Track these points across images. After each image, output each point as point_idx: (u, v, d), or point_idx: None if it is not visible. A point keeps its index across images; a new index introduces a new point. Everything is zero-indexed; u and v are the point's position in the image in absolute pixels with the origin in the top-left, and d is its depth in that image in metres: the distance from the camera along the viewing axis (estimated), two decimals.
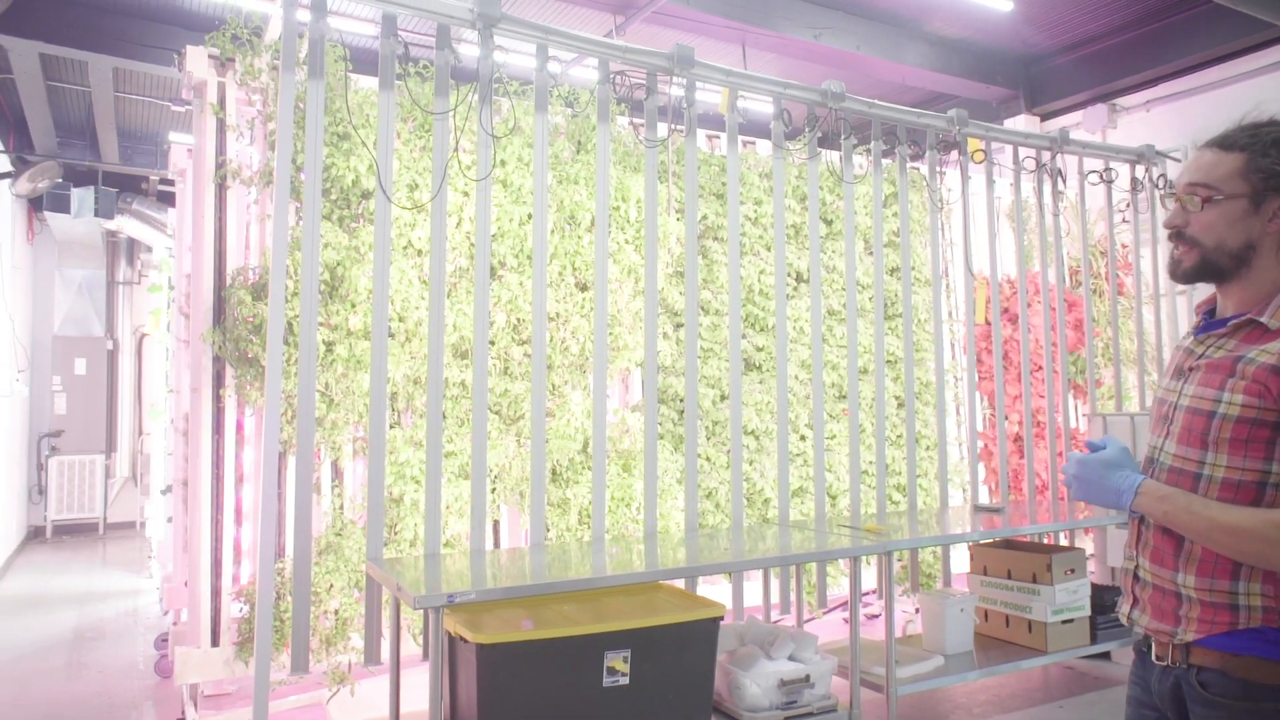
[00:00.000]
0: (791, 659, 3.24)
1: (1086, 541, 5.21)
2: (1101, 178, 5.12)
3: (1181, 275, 1.56)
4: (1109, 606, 3.93)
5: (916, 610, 4.52)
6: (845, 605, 5.22)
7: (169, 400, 5.20)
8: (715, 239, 4.82)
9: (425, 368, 3.75)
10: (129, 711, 4.02)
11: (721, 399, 4.70)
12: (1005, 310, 5.88)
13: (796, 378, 4.94)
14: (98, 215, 8.06)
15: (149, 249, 9.40)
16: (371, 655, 3.08)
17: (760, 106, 6.03)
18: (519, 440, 3.98)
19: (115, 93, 6.90)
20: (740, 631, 3.43)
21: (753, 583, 4.30)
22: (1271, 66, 5.18)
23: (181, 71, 3.73)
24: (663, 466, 4.36)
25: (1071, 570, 3.83)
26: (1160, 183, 5.23)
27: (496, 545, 4.08)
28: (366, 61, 4.35)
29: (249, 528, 3.72)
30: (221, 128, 3.76)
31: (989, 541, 4.13)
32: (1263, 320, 1.45)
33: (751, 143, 5.22)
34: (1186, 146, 5.49)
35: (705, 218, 4.80)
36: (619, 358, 4.33)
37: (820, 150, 4.30)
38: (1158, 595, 1.50)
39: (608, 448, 4.18)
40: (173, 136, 7.72)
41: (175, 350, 4.72)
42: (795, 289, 5.04)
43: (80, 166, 8.30)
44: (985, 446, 5.69)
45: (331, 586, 3.52)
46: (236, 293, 3.60)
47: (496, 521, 4.08)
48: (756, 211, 4.97)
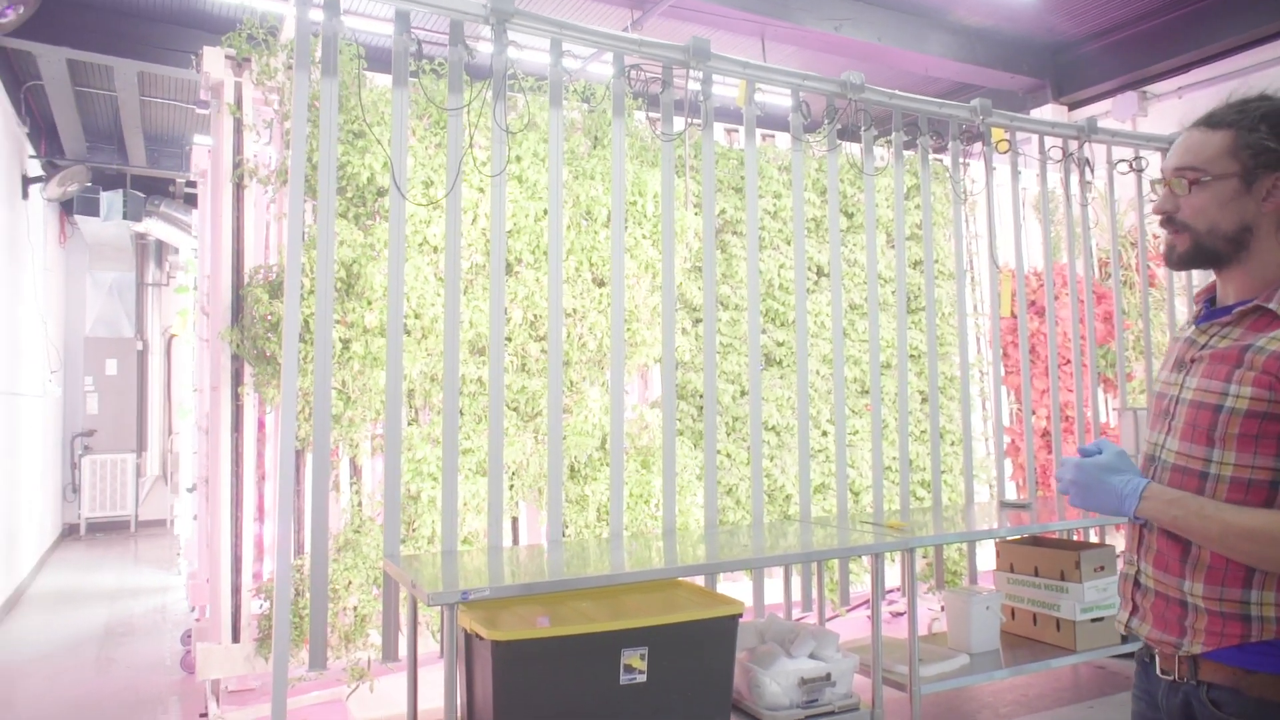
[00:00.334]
0: (812, 657, 3.19)
1: (1117, 538, 5.10)
2: (1131, 166, 5.00)
3: (1176, 261, 1.47)
4: None
5: (942, 608, 4.45)
6: (868, 603, 5.17)
7: (195, 399, 5.26)
8: (734, 233, 4.78)
9: (442, 365, 3.74)
10: (154, 706, 4.07)
11: (741, 394, 4.65)
12: (1032, 303, 5.77)
13: (818, 373, 4.88)
14: (126, 218, 8.18)
15: (176, 251, 9.53)
16: (389, 652, 3.08)
17: (778, 100, 5.98)
18: (536, 437, 3.96)
19: (141, 96, 6.99)
20: (760, 629, 3.39)
21: (774, 580, 4.26)
22: None
23: (199, 72, 3.76)
24: (682, 463, 4.32)
25: (1101, 567, 3.75)
26: None
27: (515, 542, 4.08)
28: (381, 60, 4.35)
29: (270, 525, 3.74)
30: (238, 127, 3.78)
31: (1016, 538, 4.04)
32: (1271, 307, 1.35)
33: (771, 136, 5.17)
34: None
35: (724, 212, 4.75)
36: (637, 354, 4.30)
37: (840, 142, 4.24)
38: (1161, 603, 1.40)
39: (626, 444, 4.16)
40: (196, 139, 7.82)
41: (198, 349, 4.77)
42: (815, 283, 4.98)
43: (109, 170, 8.43)
44: (1012, 442, 5.59)
45: (350, 583, 3.53)
46: (254, 291, 3.62)
47: (515, 518, 4.07)
48: (776, 205, 4.92)
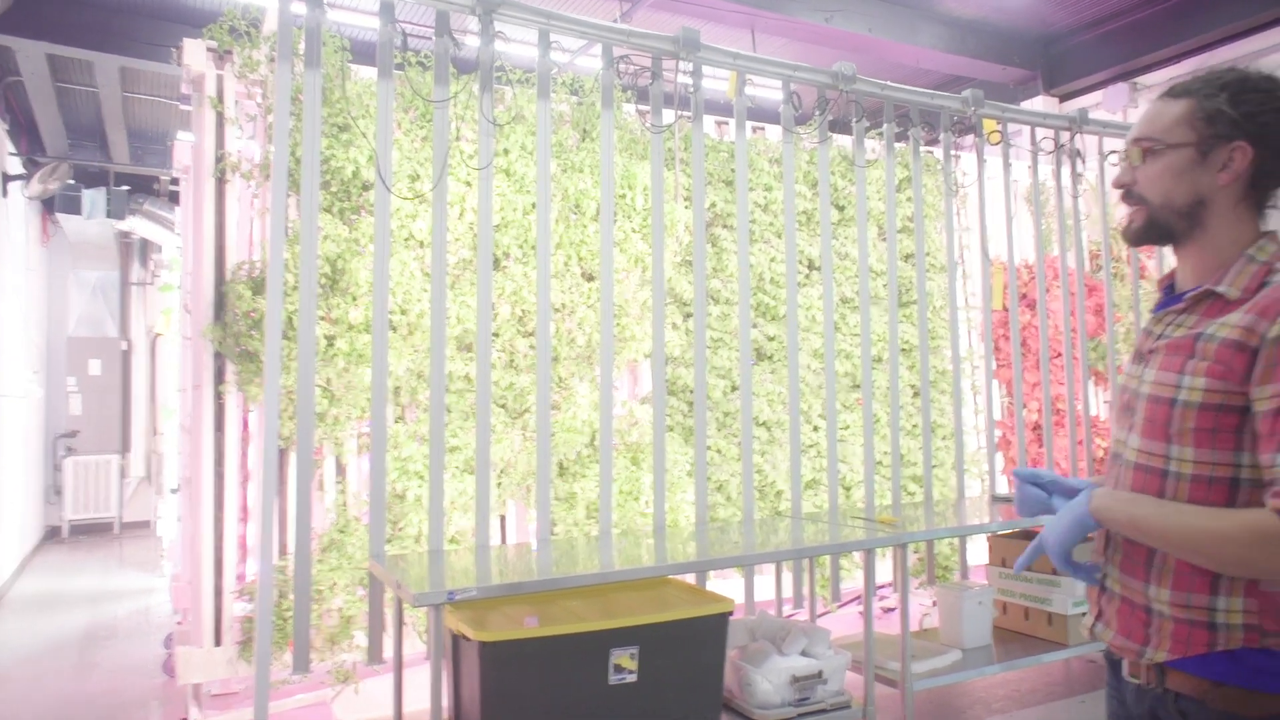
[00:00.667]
0: (804, 654, 3.16)
1: None
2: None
3: (1131, 236, 1.41)
4: None
5: (933, 603, 4.42)
6: (859, 599, 5.14)
7: (179, 399, 5.19)
8: (724, 226, 4.73)
9: (428, 361, 3.69)
10: (135, 710, 4.00)
11: (732, 389, 4.61)
12: (1023, 296, 5.75)
13: (809, 367, 4.84)
14: (109, 216, 8.08)
15: (161, 249, 9.43)
16: (375, 654, 3.03)
17: (768, 93, 5.93)
18: (525, 434, 3.91)
19: (123, 92, 6.89)
20: (751, 626, 3.35)
21: (764, 576, 4.22)
22: None
23: (180, 65, 3.69)
24: (672, 459, 4.28)
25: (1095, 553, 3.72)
26: None
27: (503, 541, 4.03)
28: (365, 53, 4.29)
29: (254, 526, 3.68)
30: (220, 121, 3.71)
31: (1008, 532, 4.02)
32: (1220, 290, 1.29)
33: (761, 128, 5.12)
34: None
35: (714, 205, 4.71)
36: (626, 349, 4.25)
37: (831, 135, 4.20)
38: (1125, 609, 1.34)
39: (615, 440, 4.11)
40: (179, 135, 7.72)
41: (181, 348, 4.70)
42: (806, 277, 4.94)
43: (91, 168, 8.32)
44: (1003, 435, 5.57)
45: (335, 584, 3.48)
46: (236, 288, 3.56)
47: (503, 517, 4.02)
48: (766, 198, 4.87)
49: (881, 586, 5.11)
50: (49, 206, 8.55)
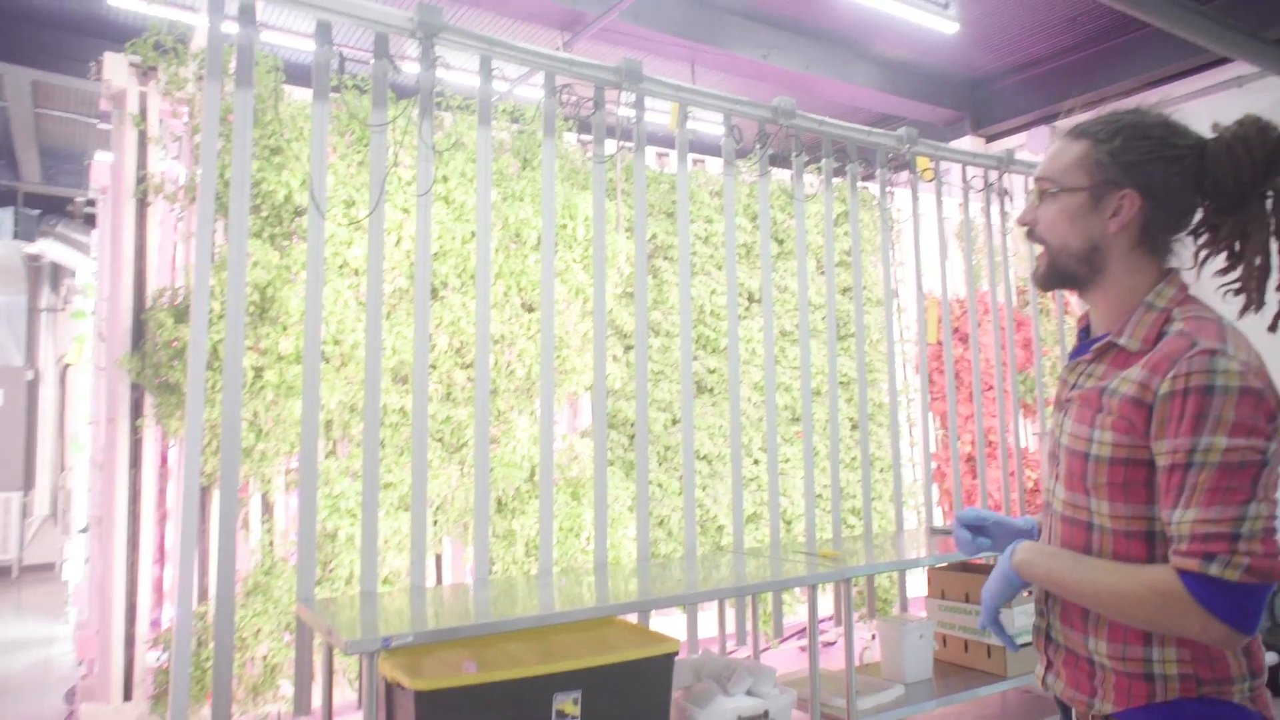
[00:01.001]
0: (749, 694, 3.10)
1: None
2: None
3: (1038, 280, 1.38)
4: None
5: (873, 636, 4.42)
6: (800, 633, 5.12)
7: (91, 432, 4.90)
8: (665, 258, 4.72)
9: (362, 394, 3.56)
10: None
11: (673, 423, 4.58)
12: (955, 330, 5.88)
13: (749, 400, 4.84)
14: (17, 238, 7.68)
15: (74, 274, 8.99)
16: (302, 704, 2.85)
17: (708, 126, 5.99)
18: (462, 469, 3.79)
19: (35, 108, 6.57)
20: (696, 666, 3.29)
21: (707, 613, 4.16)
22: (1208, 89, 5.30)
23: (99, 80, 3.52)
24: (613, 494, 4.21)
25: (1030, 592, 3.76)
26: None
27: (439, 581, 3.88)
28: (300, 76, 4.18)
29: (171, 568, 3.47)
30: (143, 140, 3.55)
31: (946, 565, 4.05)
32: (1121, 342, 1.27)
33: (701, 160, 5.15)
34: None
35: (654, 236, 4.70)
36: (567, 381, 4.18)
37: (771, 169, 4.24)
38: (1071, 659, 1.31)
39: (555, 475, 4.02)
40: (97, 155, 7.40)
41: (95, 379, 4.45)
42: (746, 309, 4.96)
43: None
44: (938, 467, 5.66)
45: (259, 631, 3.29)
46: (157, 315, 3.38)
47: (438, 555, 3.88)
48: (707, 230, 4.89)
49: (821, 620, 5.10)
50: None
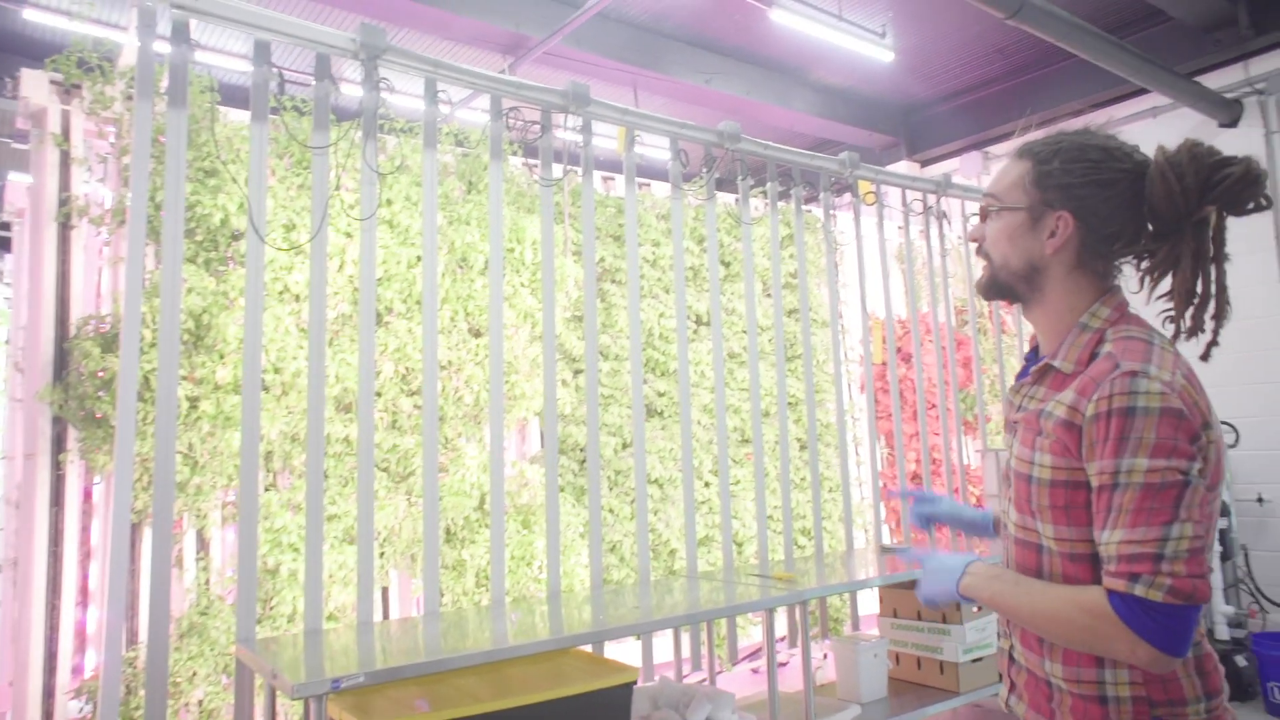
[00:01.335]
0: None
1: None
2: None
3: (980, 288, 1.40)
4: None
5: (825, 656, 4.43)
6: (753, 655, 5.09)
7: (4, 469, 4.63)
8: (613, 281, 4.70)
9: (304, 423, 3.44)
10: None
11: (623, 447, 4.53)
12: (899, 350, 5.98)
13: (699, 422, 4.83)
14: None
15: None
16: None
17: (654, 152, 6.01)
18: (409, 499, 3.69)
19: None
20: (653, 694, 3.23)
21: (661, 638, 4.11)
22: (1131, 118, 5.53)
23: (15, 98, 3.36)
24: (564, 521, 4.14)
25: (979, 609, 3.82)
26: None
27: (385, 615, 3.75)
28: (236, 98, 4.06)
29: (95, 611, 3.28)
30: (65, 161, 3.39)
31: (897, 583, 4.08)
32: (1056, 365, 1.28)
33: (646, 184, 5.16)
34: None
35: (602, 260, 4.67)
36: (516, 407, 4.11)
37: (717, 192, 4.26)
38: (1032, 681, 1.31)
39: (505, 503, 3.94)
40: (11, 175, 7.06)
41: (9, 411, 4.20)
42: (695, 332, 4.96)
43: None
44: (885, 486, 5.73)
45: (194, 674, 3.12)
46: (82, 344, 3.21)
47: (385, 588, 3.75)
48: (655, 253, 4.89)
49: (776, 640, 5.08)
50: None
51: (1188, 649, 1.13)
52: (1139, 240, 1.30)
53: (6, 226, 7.07)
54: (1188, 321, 1.26)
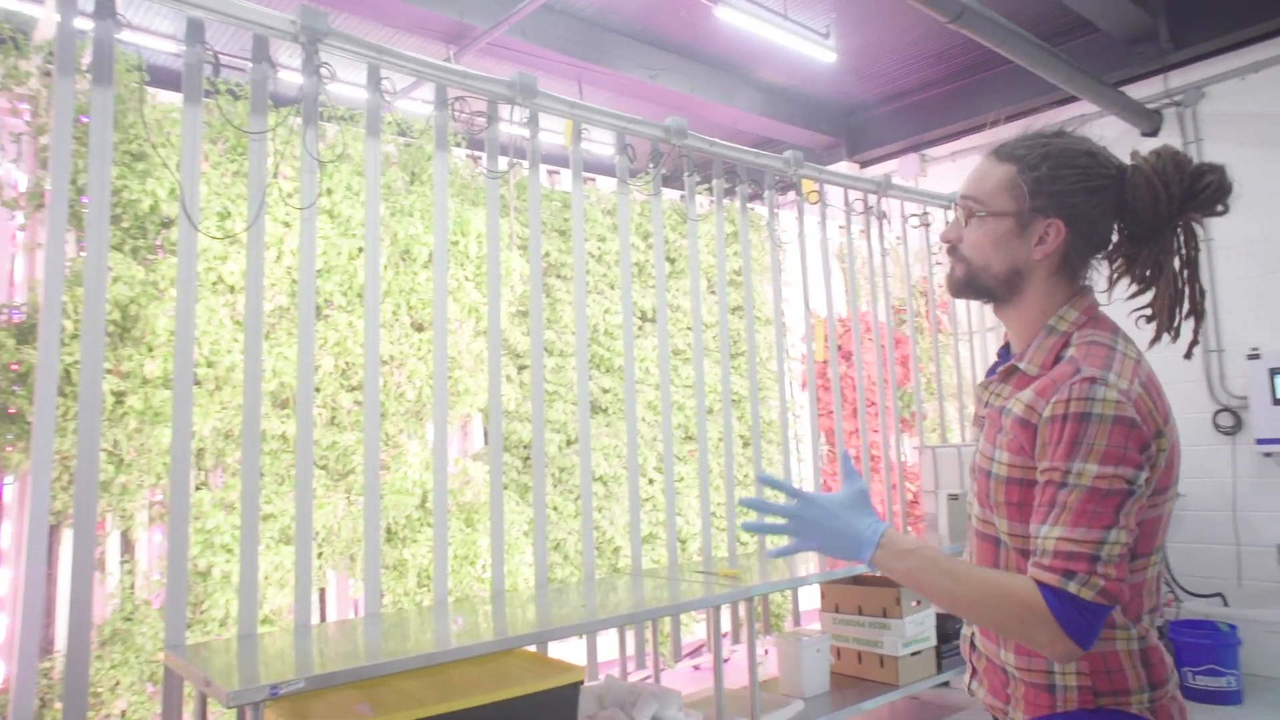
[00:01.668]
0: (655, 719, 3.05)
1: None
2: (921, 221, 5.41)
3: (953, 286, 1.40)
4: (952, 634, 4.03)
5: (766, 651, 4.46)
6: (696, 651, 5.11)
7: None
8: (558, 276, 4.65)
9: (239, 419, 3.30)
10: None
11: (567, 444, 4.49)
12: (839, 348, 6.07)
13: (643, 419, 4.82)
14: None
15: None
16: None
17: (599, 148, 5.97)
18: (349, 497, 3.58)
19: None
20: (599, 693, 3.21)
21: (606, 636, 4.09)
22: (1065, 123, 5.67)
23: None
24: (508, 519, 4.08)
25: (918, 602, 3.90)
26: None
27: (323, 617, 3.64)
28: (165, 80, 3.87)
29: (6, 619, 3.10)
30: None
31: (840, 579, 4.13)
32: (1022, 367, 1.30)
33: (592, 179, 5.12)
34: None
35: (547, 254, 4.62)
36: (459, 403, 4.03)
37: (663, 188, 4.24)
38: (991, 669, 1.35)
39: (448, 501, 3.86)
40: None
41: None
42: (640, 328, 4.94)
43: None
44: (825, 483, 5.80)
45: (118, 684, 2.97)
46: None
47: (322, 589, 3.64)
48: (600, 248, 4.85)
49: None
50: None
51: (1091, 646, 1.17)
52: (1119, 245, 1.32)
53: None
54: (1175, 323, 1.29)
